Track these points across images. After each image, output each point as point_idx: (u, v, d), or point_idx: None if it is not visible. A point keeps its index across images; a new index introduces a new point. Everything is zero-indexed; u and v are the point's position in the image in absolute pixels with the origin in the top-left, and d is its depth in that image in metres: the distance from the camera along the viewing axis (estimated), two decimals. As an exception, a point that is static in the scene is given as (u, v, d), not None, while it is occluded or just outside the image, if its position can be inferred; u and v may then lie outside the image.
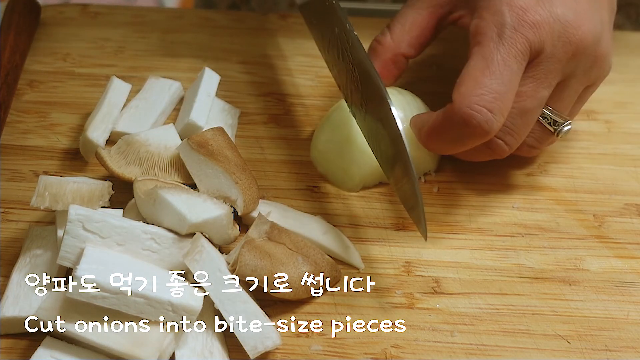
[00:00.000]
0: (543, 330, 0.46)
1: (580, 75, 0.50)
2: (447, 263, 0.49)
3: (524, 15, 0.47)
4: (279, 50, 0.64)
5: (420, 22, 0.54)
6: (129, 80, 0.58)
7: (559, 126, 0.51)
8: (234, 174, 0.49)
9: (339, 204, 0.53)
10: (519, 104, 0.48)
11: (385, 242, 0.51)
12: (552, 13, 0.48)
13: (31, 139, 0.56)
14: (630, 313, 0.47)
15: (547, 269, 0.49)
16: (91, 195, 0.47)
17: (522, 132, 0.50)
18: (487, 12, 0.48)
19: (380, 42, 0.54)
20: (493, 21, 0.48)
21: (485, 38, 0.48)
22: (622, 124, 0.60)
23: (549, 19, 0.48)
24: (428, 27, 0.54)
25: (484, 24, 0.48)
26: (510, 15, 0.47)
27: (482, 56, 0.47)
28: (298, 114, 0.59)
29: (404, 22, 0.54)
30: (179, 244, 0.46)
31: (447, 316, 0.47)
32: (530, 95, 0.49)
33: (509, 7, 0.48)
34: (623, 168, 0.56)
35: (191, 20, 0.67)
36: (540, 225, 0.52)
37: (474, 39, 0.49)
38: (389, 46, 0.54)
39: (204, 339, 0.44)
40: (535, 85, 0.48)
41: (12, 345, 0.44)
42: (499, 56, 0.47)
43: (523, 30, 0.47)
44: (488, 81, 0.46)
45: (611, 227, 0.52)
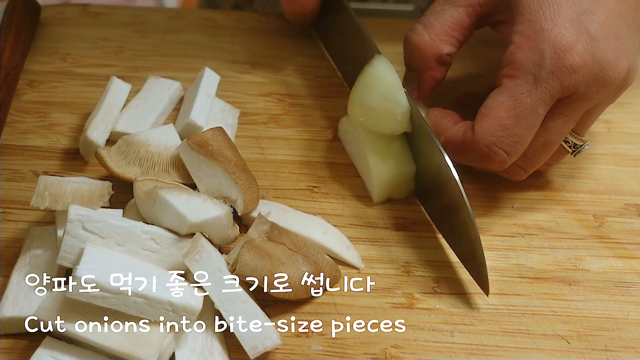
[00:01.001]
0: (543, 330, 0.46)
1: (605, 103, 0.50)
2: (447, 263, 0.49)
3: (564, 57, 0.45)
4: (278, 50, 0.64)
5: (461, 21, 0.51)
6: (129, 80, 0.58)
7: (578, 148, 0.51)
8: (234, 174, 0.49)
9: (339, 204, 0.53)
10: (546, 137, 0.48)
11: (385, 242, 0.51)
12: (593, 54, 0.46)
13: (31, 139, 0.56)
14: (630, 313, 0.47)
15: (547, 269, 0.49)
16: (91, 195, 0.47)
17: (542, 161, 0.50)
18: (527, 44, 0.46)
19: (419, 44, 0.51)
20: (531, 59, 0.46)
21: (519, 74, 0.46)
22: (622, 124, 0.60)
23: (589, 61, 0.46)
24: (468, 27, 0.51)
25: (521, 58, 0.46)
26: (550, 57, 0.45)
27: (511, 95, 0.46)
28: (298, 114, 0.59)
29: (442, 21, 0.51)
30: (179, 244, 0.46)
31: (447, 316, 0.47)
32: (557, 131, 0.48)
33: (551, 47, 0.45)
34: (623, 168, 0.56)
35: (191, 20, 0.67)
36: (540, 225, 0.52)
37: (507, 67, 0.47)
38: (430, 47, 0.50)
39: (203, 339, 0.44)
40: (564, 121, 0.48)
41: (12, 345, 0.44)
42: (529, 100, 0.46)
43: (560, 75, 0.45)
44: (512, 125, 0.46)
45: (611, 227, 0.52)
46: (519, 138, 0.47)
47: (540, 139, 0.48)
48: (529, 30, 0.46)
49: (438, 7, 0.51)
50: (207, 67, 0.58)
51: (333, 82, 0.62)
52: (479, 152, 0.47)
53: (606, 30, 0.46)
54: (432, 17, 0.51)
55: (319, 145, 0.57)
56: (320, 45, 0.64)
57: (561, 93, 0.46)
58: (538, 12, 0.46)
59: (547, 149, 0.50)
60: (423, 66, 0.52)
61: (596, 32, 0.46)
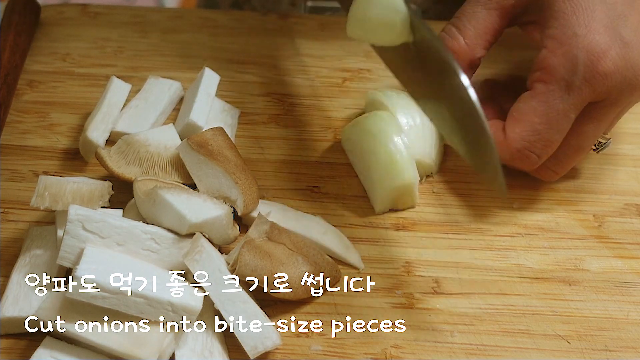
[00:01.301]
0: (543, 331, 0.46)
1: (633, 103, 0.50)
2: (447, 263, 0.49)
3: (598, 64, 0.45)
4: (279, 50, 0.64)
5: (493, 25, 0.50)
6: (129, 80, 0.58)
7: (602, 145, 0.51)
8: (233, 174, 0.49)
9: (339, 203, 0.53)
10: (579, 142, 0.49)
11: (385, 242, 0.51)
12: (626, 59, 0.45)
13: (31, 139, 0.56)
14: (630, 313, 0.47)
15: (547, 269, 0.49)
16: (91, 195, 0.47)
17: (574, 163, 0.51)
18: (561, 49, 0.46)
19: (455, 49, 0.50)
20: (564, 65, 0.46)
21: (551, 80, 0.46)
22: (622, 124, 0.59)
23: (622, 67, 0.45)
24: (500, 29, 0.50)
25: (554, 63, 0.46)
26: (583, 63, 0.45)
27: (544, 101, 0.46)
28: (298, 114, 0.59)
29: (476, 25, 0.49)
30: (179, 244, 0.46)
31: (447, 316, 0.47)
32: (590, 136, 0.49)
33: (585, 54, 0.45)
34: (623, 168, 0.56)
35: (191, 20, 0.67)
36: (540, 225, 0.52)
37: (539, 71, 0.47)
38: (465, 52, 0.50)
39: (203, 339, 0.44)
40: (596, 126, 0.48)
41: (12, 345, 0.44)
42: (562, 106, 0.46)
43: (593, 81, 0.45)
44: (544, 130, 0.47)
45: (611, 227, 0.52)
46: (550, 142, 0.47)
47: (573, 142, 0.49)
48: (562, 35, 0.46)
49: (470, 8, 0.50)
50: (207, 67, 0.58)
51: (333, 82, 0.62)
52: (510, 152, 0.48)
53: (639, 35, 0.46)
54: (465, 20, 0.50)
55: (319, 145, 0.57)
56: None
57: (593, 98, 0.47)
58: (572, 17, 0.46)
59: (580, 153, 0.50)
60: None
61: (629, 38, 0.46)
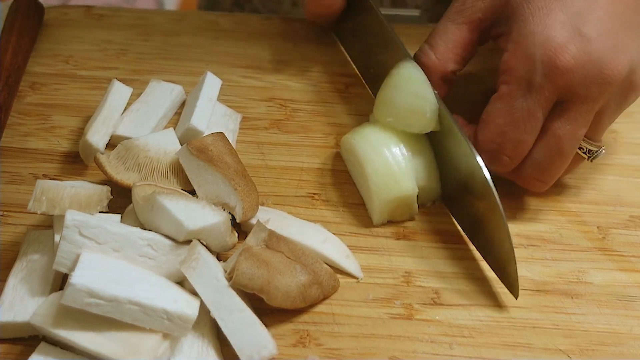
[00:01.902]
0: (544, 344, 0.45)
1: (614, 105, 0.49)
2: (447, 274, 0.49)
3: (556, 58, 0.45)
4: (281, 54, 0.64)
5: (464, 39, 0.51)
6: (131, 84, 0.58)
7: (593, 154, 0.51)
8: (233, 180, 0.48)
9: (339, 212, 0.52)
10: (558, 146, 0.48)
11: (385, 251, 0.50)
12: (588, 54, 0.45)
13: (31, 141, 0.56)
14: (633, 328, 0.46)
15: (549, 281, 0.49)
16: (89, 200, 0.46)
17: (560, 170, 0.50)
18: (519, 49, 0.46)
19: (426, 64, 0.52)
20: (523, 64, 0.46)
21: (513, 80, 0.47)
22: (627, 134, 0.59)
23: (585, 61, 0.45)
24: (471, 43, 0.52)
25: (514, 64, 0.47)
26: (541, 60, 0.45)
27: (507, 102, 0.47)
28: (300, 119, 0.59)
29: (447, 40, 0.51)
30: (176, 251, 0.45)
31: (446, 328, 0.46)
32: (568, 138, 0.48)
33: (543, 49, 0.46)
34: (628, 179, 0.55)
35: (194, 23, 0.67)
36: (542, 236, 0.51)
37: (502, 74, 0.48)
38: (436, 66, 0.51)
39: (199, 347, 0.43)
40: (572, 127, 0.48)
41: (7, 350, 0.44)
42: (525, 104, 0.46)
43: (554, 77, 0.45)
44: (510, 131, 0.47)
45: (615, 239, 0.51)
46: (519, 142, 0.48)
47: (552, 147, 0.48)
48: (519, 36, 0.47)
49: (442, 26, 0.52)
50: (209, 71, 0.58)
51: (335, 88, 0.61)
52: (483, 156, 0.48)
53: (601, 30, 0.46)
54: (437, 36, 0.52)
55: (321, 151, 0.56)
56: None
57: (557, 95, 0.46)
58: (528, 17, 0.47)
59: (562, 158, 0.49)
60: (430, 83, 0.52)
61: (590, 32, 0.46)
